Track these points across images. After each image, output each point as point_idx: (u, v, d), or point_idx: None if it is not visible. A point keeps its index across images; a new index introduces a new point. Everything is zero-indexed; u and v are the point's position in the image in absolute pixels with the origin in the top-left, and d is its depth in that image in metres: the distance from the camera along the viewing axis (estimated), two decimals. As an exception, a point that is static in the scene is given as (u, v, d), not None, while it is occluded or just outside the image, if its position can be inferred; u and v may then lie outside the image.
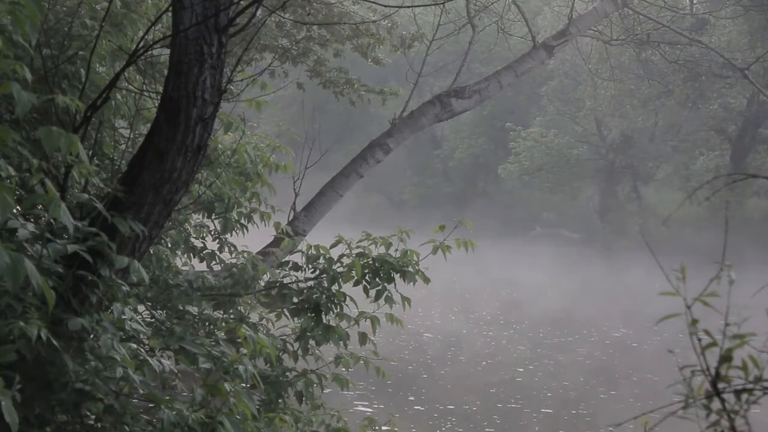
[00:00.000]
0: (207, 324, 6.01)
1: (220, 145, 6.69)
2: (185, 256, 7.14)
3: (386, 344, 13.07)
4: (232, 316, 6.35)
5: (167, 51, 4.61)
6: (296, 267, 6.65)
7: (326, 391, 6.59)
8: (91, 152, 4.92)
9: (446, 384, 14.19)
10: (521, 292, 25.44)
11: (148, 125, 4.97)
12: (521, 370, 15.61)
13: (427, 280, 6.12)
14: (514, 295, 25.05)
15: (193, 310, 5.97)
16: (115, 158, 5.32)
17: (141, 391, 4.23)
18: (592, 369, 16.06)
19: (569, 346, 18.22)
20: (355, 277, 6.13)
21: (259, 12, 7.57)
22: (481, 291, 25.38)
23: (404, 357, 15.32)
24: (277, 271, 6.80)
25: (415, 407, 12.47)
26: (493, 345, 17.99)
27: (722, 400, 2.10)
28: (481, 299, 24.09)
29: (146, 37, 4.86)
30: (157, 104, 4.74)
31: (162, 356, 4.64)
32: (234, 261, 7.07)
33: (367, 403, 11.85)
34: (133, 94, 5.64)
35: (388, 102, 14.84)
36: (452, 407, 12.49)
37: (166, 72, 4.56)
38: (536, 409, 12.74)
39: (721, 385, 2.10)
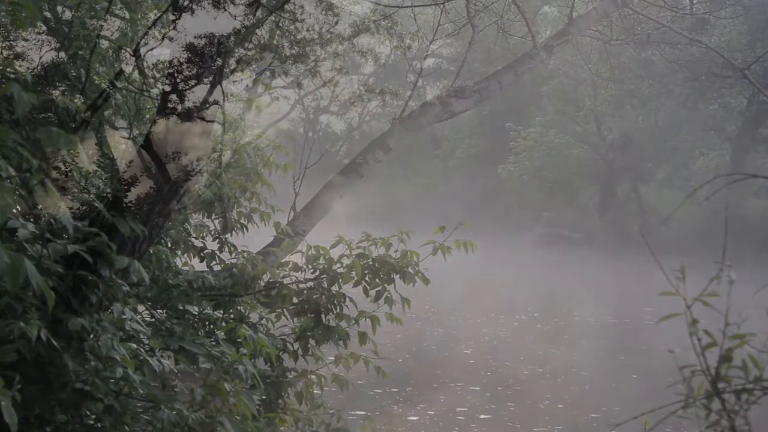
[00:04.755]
0: (207, 324, 6.00)
1: (220, 145, 6.68)
2: (185, 256, 7.13)
3: (386, 344, 13.07)
4: (232, 316, 6.34)
5: (167, 51, 4.61)
6: (296, 267, 6.64)
7: (326, 390, 6.59)
8: (91, 152, 4.91)
9: (446, 384, 14.19)
10: (521, 292, 25.43)
11: (148, 125, 4.97)
12: (521, 370, 15.61)
13: (426, 281, 6.12)
14: (514, 294, 25.05)
15: (193, 310, 5.96)
16: (115, 158, 5.32)
17: (141, 391, 4.23)
18: (592, 369, 16.06)
19: (569, 346, 18.22)
20: (355, 278, 6.13)
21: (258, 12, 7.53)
22: (481, 291, 25.37)
23: (404, 357, 15.31)
24: (277, 271, 6.79)
25: (416, 407, 12.47)
26: (493, 345, 17.99)
27: (722, 400, 2.09)
28: (481, 299, 24.08)
29: (146, 37, 4.86)
30: (157, 104, 4.73)
31: (162, 356, 4.64)
32: (234, 261, 7.06)
33: (367, 403, 11.85)
34: (133, 94, 5.64)
35: (388, 102, 14.81)
36: (453, 407, 12.49)
37: (166, 72, 4.56)
38: (536, 409, 12.74)
39: (721, 385, 2.10)
